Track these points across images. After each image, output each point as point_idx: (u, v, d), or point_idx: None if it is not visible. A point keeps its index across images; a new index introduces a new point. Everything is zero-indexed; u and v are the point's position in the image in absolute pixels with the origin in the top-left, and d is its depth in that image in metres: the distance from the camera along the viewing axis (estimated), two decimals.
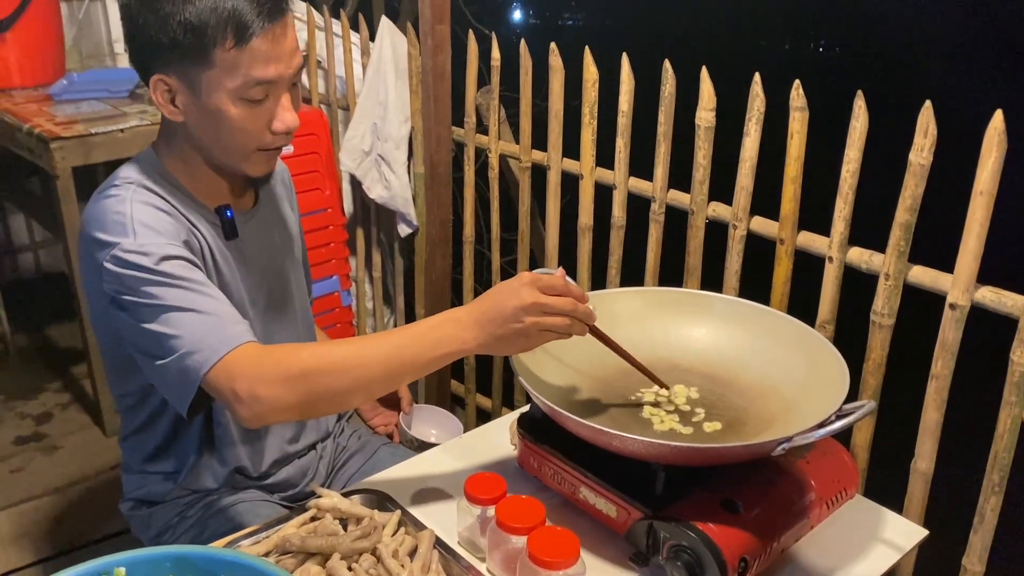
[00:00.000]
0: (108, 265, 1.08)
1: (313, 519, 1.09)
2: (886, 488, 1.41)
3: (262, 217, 1.32)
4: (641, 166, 1.78)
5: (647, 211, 1.77)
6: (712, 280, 1.65)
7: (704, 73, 1.57)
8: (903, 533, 1.18)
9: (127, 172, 1.18)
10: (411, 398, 1.57)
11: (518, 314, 1.02)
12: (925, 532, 1.19)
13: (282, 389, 1.02)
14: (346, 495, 1.14)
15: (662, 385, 1.22)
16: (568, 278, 1.09)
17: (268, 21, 1.08)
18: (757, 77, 1.50)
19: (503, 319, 1.03)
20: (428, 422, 1.60)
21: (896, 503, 1.34)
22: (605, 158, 1.84)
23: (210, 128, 1.14)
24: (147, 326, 1.07)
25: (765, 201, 1.58)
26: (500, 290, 1.05)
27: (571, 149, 1.91)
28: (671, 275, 1.74)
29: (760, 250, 1.61)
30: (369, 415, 1.60)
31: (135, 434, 1.32)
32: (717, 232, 1.65)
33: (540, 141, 2.00)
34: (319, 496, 1.10)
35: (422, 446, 1.46)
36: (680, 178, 1.69)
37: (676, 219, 1.73)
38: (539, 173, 2.03)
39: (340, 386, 1.04)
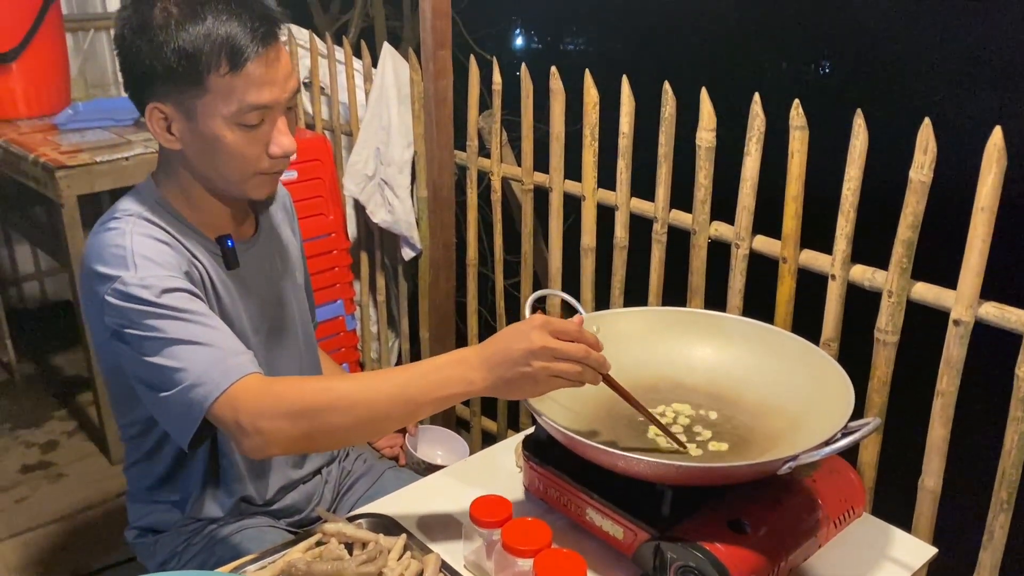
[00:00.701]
0: (109, 299, 1.08)
1: (319, 544, 1.09)
2: (894, 506, 1.40)
3: (263, 245, 1.32)
4: (643, 187, 1.79)
5: (649, 231, 1.78)
6: (716, 299, 1.66)
7: (704, 94, 1.58)
8: (912, 551, 1.17)
9: (127, 204, 1.18)
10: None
11: (527, 358, 0.99)
12: (934, 550, 1.18)
13: (285, 423, 1.02)
14: (351, 519, 1.14)
15: (680, 444, 1.17)
16: (589, 327, 1.07)
17: (262, 46, 1.08)
18: (756, 97, 1.51)
19: (512, 362, 1.00)
20: (434, 444, 1.59)
21: (904, 521, 1.33)
22: (607, 179, 1.85)
23: (207, 155, 1.14)
24: (149, 359, 1.06)
25: (767, 220, 1.59)
26: (510, 332, 1.02)
27: (573, 171, 1.93)
28: (674, 295, 1.74)
29: (763, 269, 1.61)
30: (380, 440, 1.60)
31: (140, 463, 1.32)
32: (720, 251, 1.65)
33: (542, 163, 2.01)
34: (324, 521, 1.10)
35: (428, 468, 1.45)
36: (682, 198, 1.70)
37: (679, 239, 1.73)
38: (541, 195, 2.04)
39: (343, 423, 1.03)
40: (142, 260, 1.09)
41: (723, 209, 1.65)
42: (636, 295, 1.82)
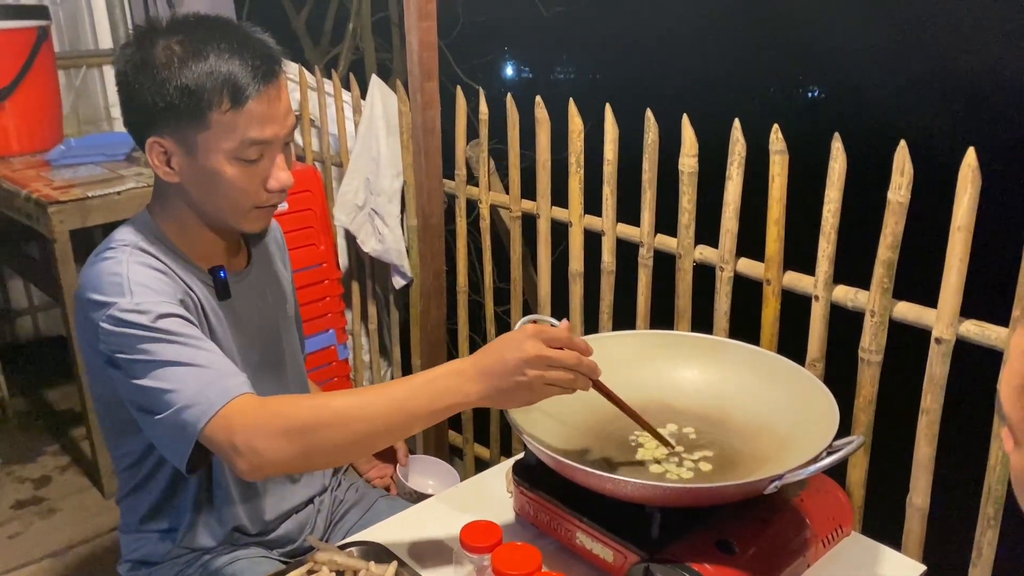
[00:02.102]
0: (104, 325, 1.09)
1: (310, 572, 1.09)
2: (883, 525, 1.40)
3: (255, 277, 1.33)
4: (628, 212, 1.81)
5: (636, 256, 1.80)
6: (702, 322, 1.67)
7: (685, 120, 1.61)
8: (901, 569, 1.18)
9: (122, 235, 1.20)
10: (407, 449, 1.58)
11: (521, 367, 1.00)
12: (923, 568, 1.19)
13: (281, 442, 1.01)
14: (343, 547, 1.14)
15: (668, 445, 1.20)
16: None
17: (263, 83, 1.11)
18: (737, 123, 1.54)
19: (506, 372, 1.01)
20: (425, 473, 1.59)
21: (894, 539, 1.34)
22: (593, 205, 1.87)
23: (206, 188, 1.16)
24: (143, 382, 1.07)
25: (751, 243, 1.61)
26: (504, 342, 1.03)
27: (560, 198, 1.95)
28: (662, 318, 1.76)
29: (748, 291, 1.63)
30: (364, 468, 1.60)
31: (132, 494, 1.32)
32: (705, 274, 1.67)
33: (529, 191, 2.03)
34: (316, 549, 1.10)
35: (419, 497, 1.45)
36: (667, 223, 1.72)
37: (664, 263, 1.75)
38: (530, 222, 2.06)
39: (339, 439, 1.03)
40: (138, 287, 1.11)
41: (708, 233, 1.67)
42: (624, 319, 1.84)
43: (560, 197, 1.95)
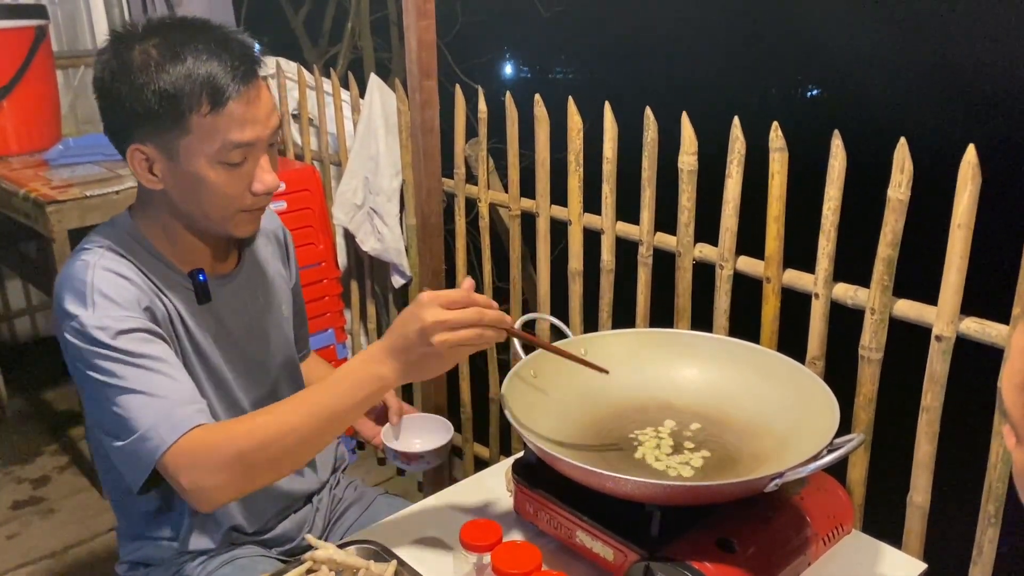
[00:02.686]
0: (67, 336, 1.11)
1: (309, 572, 1.09)
2: (884, 523, 1.40)
3: (243, 279, 1.31)
4: (628, 210, 1.81)
5: (635, 254, 1.79)
6: (702, 320, 1.67)
7: (685, 118, 1.60)
8: (902, 568, 1.18)
9: (97, 235, 1.19)
10: (400, 406, 1.47)
11: (424, 336, 1.01)
12: (924, 566, 1.19)
13: (224, 475, 1.06)
14: (342, 546, 1.14)
15: (602, 370, 1.21)
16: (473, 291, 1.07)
17: (243, 84, 1.09)
18: (736, 121, 1.53)
19: (411, 345, 1.03)
20: (417, 431, 1.46)
21: (894, 538, 1.33)
22: (592, 204, 1.87)
23: (190, 193, 1.14)
24: (100, 404, 1.09)
25: (751, 241, 1.61)
26: (404, 317, 1.04)
27: (559, 196, 1.95)
28: (661, 316, 1.76)
29: (748, 289, 1.63)
30: (368, 434, 1.50)
31: (125, 498, 1.30)
32: (705, 273, 1.67)
33: (529, 189, 2.03)
34: (315, 548, 1.10)
35: (408, 460, 1.36)
36: (667, 221, 1.72)
37: (664, 261, 1.75)
38: (529, 221, 2.06)
39: (277, 455, 1.07)
40: (100, 298, 1.10)
41: (708, 231, 1.67)
42: (624, 317, 1.84)
43: (559, 196, 1.94)
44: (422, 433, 1.43)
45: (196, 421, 1.07)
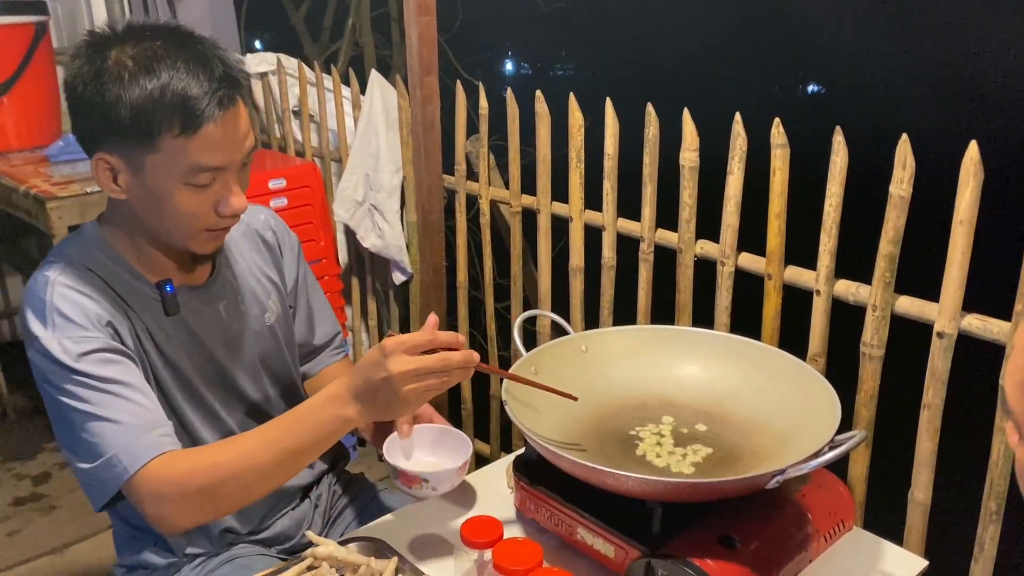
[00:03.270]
0: (30, 355, 1.11)
1: (310, 569, 1.09)
2: (885, 520, 1.40)
3: (218, 289, 1.26)
4: (629, 207, 1.80)
5: (636, 251, 1.79)
6: (703, 317, 1.67)
7: (686, 114, 1.60)
8: (903, 564, 1.18)
9: (63, 247, 1.17)
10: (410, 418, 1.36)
11: (390, 385, 1.00)
12: (925, 563, 1.19)
13: (184, 507, 1.07)
14: (342, 543, 1.13)
15: (571, 397, 1.19)
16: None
17: (219, 108, 1.04)
18: (738, 117, 1.53)
19: (376, 392, 1.02)
20: (429, 447, 1.29)
21: (895, 535, 1.33)
22: (594, 200, 1.86)
23: (153, 209, 1.11)
24: (64, 427, 1.10)
25: (752, 238, 1.61)
26: (368, 363, 1.03)
27: (560, 193, 1.94)
28: (662, 313, 1.76)
29: (749, 285, 1.62)
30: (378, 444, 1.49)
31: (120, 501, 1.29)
32: (706, 269, 1.67)
33: (530, 186, 2.03)
34: (315, 544, 1.10)
35: (405, 479, 1.20)
36: (669, 217, 1.71)
37: (665, 258, 1.75)
38: (530, 217, 2.05)
39: (237, 489, 1.08)
40: (59, 318, 1.09)
41: (709, 227, 1.66)
42: (625, 314, 1.83)
43: (560, 192, 1.94)
44: (436, 450, 1.27)
45: (159, 449, 1.08)
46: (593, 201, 1.87)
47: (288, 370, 1.40)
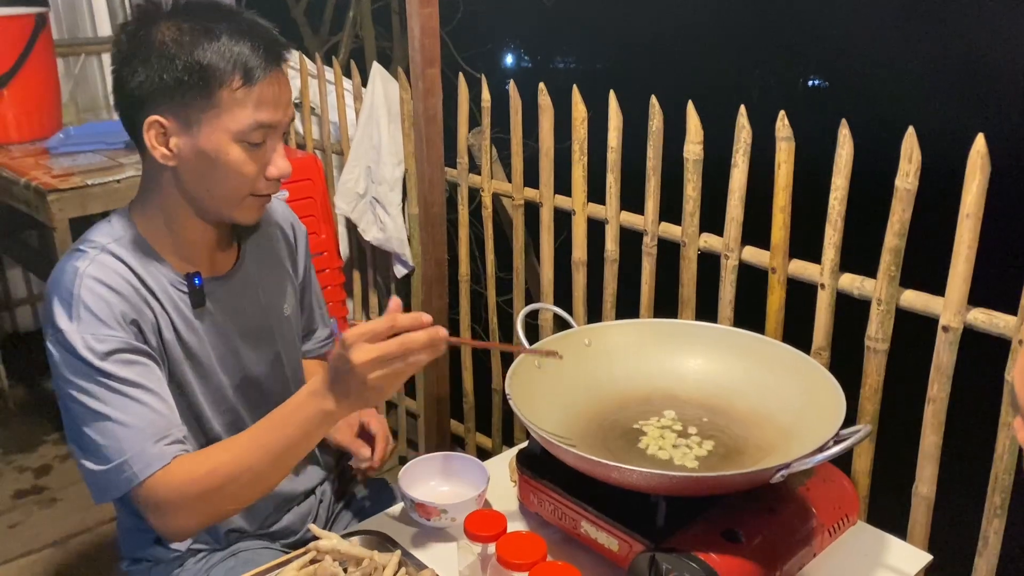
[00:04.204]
0: (50, 346, 1.11)
1: (313, 562, 1.09)
2: (889, 514, 1.40)
3: (242, 278, 1.28)
4: (633, 200, 1.80)
5: (640, 244, 1.78)
6: (707, 310, 1.66)
7: (690, 107, 1.59)
8: (907, 559, 1.17)
9: (95, 234, 1.17)
10: (385, 433, 1.42)
11: (359, 376, 1.02)
12: (929, 557, 1.19)
13: (188, 514, 1.11)
14: (346, 536, 1.13)
15: (556, 355, 1.22)
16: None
17: (272, 67, 1.11)
18: (743, 109, 1.52)
19: (348, 385, 1.04)
20: (444, 476, 1.31)
21: (899, 529, 1.33)
22: (597, 194, 1.86)
23: (204, 171, 1.13)
24: (77, 424, 1.10)
25: (757, 231, 1.60)
26: (333, 357, 1.05)
27: (563, 186, 1.94)
28: (666, 307, 1.75)
29: (753, 279, 1.62)
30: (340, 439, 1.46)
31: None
32: (710, 263, 1.66)
33: (532, 179, 2.02)
34: (318, 538, 1.10)
35: (423, 511, 1.22)
36: (673, 211, 1.71)
37: (669, 251, 1.74)
38: (532, 210, 2.05)
39: (237, 491, 1.11)
40: (85, 312, 1.10)
41: (713, 220, 1.66)
42: (628, 308, 1.83)
43: (563, 185, 1.93)
44: (449, 478, 1.30)
45: (166, 458, 1.09)
46: (596, 194, 1.86)
47: (299, 362, 1.43)
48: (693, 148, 1.62)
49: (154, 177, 1.18)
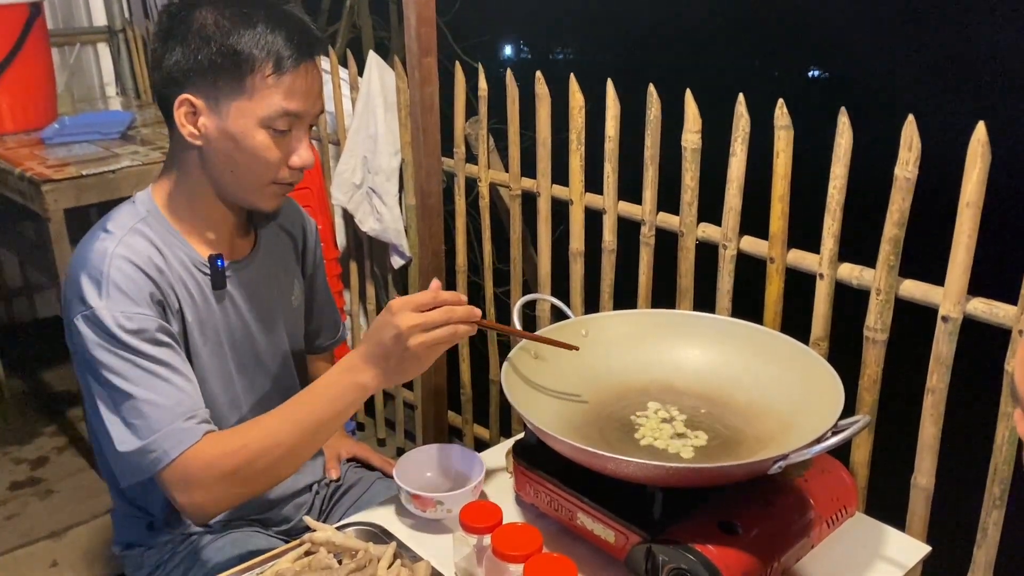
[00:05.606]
0: (78, 323, 1.11)
1: (307, 553, 1.08)
2: (887, 505, 1.39)
3: (258, 265, 1.31)
4: (630, 190, 1.78)
5: (637, 234, 1.77)
6: (705, 301, 1.65)
7: (688, 96, 1.58)
8: (906, 550, 1.17)
9: (121, 216, 1.18)
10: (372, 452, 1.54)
11: (400, 342, 1.05)
12: (928, 548, 1.18)
13: (219, 491, 1.10)
14: (340, 528, 1.13)
15: (573, 347, 1.24)
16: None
17: (304, 58, 1.14)
18: (741, 98, 1.51)
19: (389, 352, 1.06)
20: (438, 467, 1.31)
21: (898, 520, 1.33)
22: (594, 183, 1.85)
23: (229, 155, 1.15)
24: (104, 404, 1.10)
25: (755, 220, 1.59)
26: (378, 326, 1.08)
27: (561, 176, 1.92)
28: (664, 297, 1.74)
29: (751, 269, 1.61)
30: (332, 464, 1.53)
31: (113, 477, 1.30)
32: (708, 253, 1.65)
33: (529, 169, 2.00)
34: (312, 530, 1.09)
35: (420, 503, 1.22)
36: (670, 200, 1.70)
37: (667, 241, 1.73)
38: (530, 201, 2.03)
39: (266, 467, 1.11)
40: (115, 291, 1.10)
41: (711, 210, 1.65)
42: (625, 298, 1.82)
43: (560, 175, 1.92)
44: (446, 470, 1.30)
45: (197, 435, 1.09)
46: (594, 184, 1.85)
47: (303, 353, 1.46)
48: (691, 137, 1.60)
49: (180, 156, 1.19)
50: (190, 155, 1.18)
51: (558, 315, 1.43)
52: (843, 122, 1.38)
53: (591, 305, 1.95)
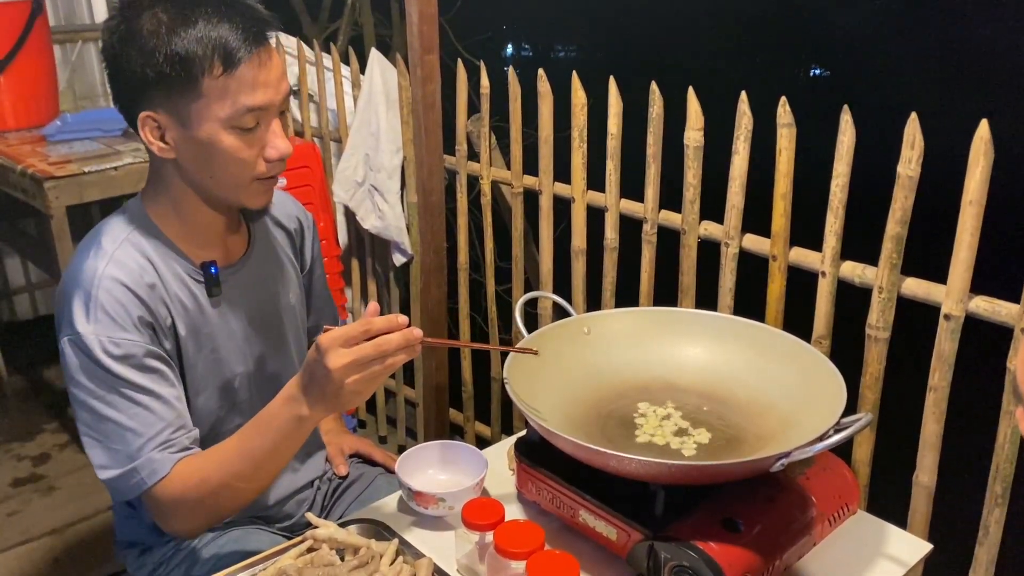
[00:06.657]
0: (64, 347, 1.11)
1: (310, 550, 1.08)
2: (889, 503, 1.39)
3: (254, 265, 1.29)
4: (632, 188, 1.78)
5: (639, 232, 1.77)
6: (707, 299, 1.65)
7: (691, 93, 1.58)
8: (908, 548, 1.17)
9: (112, 228, 1.17)
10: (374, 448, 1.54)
11: (336, 381, 1.01)
12: (930, 546, 1.18)
13: (192, 519, 1.14)
14: (343, 525, 1.13)
15: (532, 352, 1.22)
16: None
17: (254, 46, 1.08)
18: (744, 96, 1.51)
19: (325, 390, 1.03)
20: (440, 464, 1.32)
21: (900, 518, 1.33)
22: (596, 181, 1.84)
23: (203, 161, 1.12)
24: (88, 427, 1.11)
25: (757, 218, 1.59)
26: (307, 362, 1.04)
27: (563, 174, 1.92)
28: (666, 295, 1.74)
29: (753, 267, 1.61)
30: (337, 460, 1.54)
31: None
32: (710, 251, 1.65)
33: (531, 167, 2.00)
34: (315, 526, 1.09)
35: (420, 500, 1.23)
36: (673, 198, 1.70)
37: (669, 239, 1.73)
38: (531, 198, 2.03)
39: (232, 496, 1.13)
40: (103, 314, 1.09)
41: (714, 208, 1.64)
42: (627, 296, 1.82)
43: (562, 173, 1.92)
44: (447, 467, 1.30)
45: (167, 467, 1.11)
46: (596, 182, 1.85)
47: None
48: (694, 135, 1.60)
49: (159, 169, 1.18)
50: (167, 167, 1.15)
51: (560, 313, 1.43)
52: (845, 120, 1.38)
53: (593, 303, 1.95)
